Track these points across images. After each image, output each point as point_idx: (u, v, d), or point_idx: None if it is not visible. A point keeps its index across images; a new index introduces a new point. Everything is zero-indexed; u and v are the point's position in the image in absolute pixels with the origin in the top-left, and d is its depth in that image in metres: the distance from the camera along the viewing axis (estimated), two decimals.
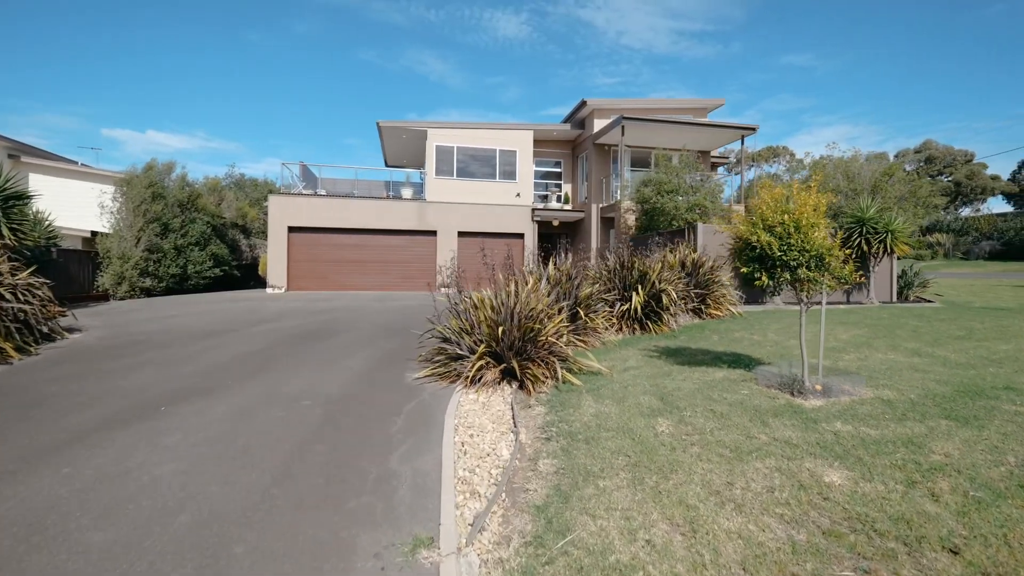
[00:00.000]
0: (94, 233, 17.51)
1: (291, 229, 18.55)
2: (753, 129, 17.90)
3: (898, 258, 13.89)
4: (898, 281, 14.31)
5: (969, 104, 76.46)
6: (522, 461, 3.70)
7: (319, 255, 18.98)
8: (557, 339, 5.60)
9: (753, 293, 12.97)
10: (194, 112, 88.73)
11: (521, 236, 20.36)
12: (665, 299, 8.61)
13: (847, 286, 4.74)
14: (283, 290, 18.27)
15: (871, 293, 13.47)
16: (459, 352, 5.69)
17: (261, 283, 22.98)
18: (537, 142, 21.05)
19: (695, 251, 11.33)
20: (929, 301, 13.53)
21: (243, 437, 3.97)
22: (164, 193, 18.88)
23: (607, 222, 19.66)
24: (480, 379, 5.33)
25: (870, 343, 7.72)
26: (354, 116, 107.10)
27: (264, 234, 25.29)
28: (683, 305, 9.14)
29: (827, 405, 4.53)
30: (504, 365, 5.35)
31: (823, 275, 4.76)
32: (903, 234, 12.67)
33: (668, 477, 3.43)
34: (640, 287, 8.68)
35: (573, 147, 22.36)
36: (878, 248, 12.71)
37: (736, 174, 22.66)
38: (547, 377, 5.38)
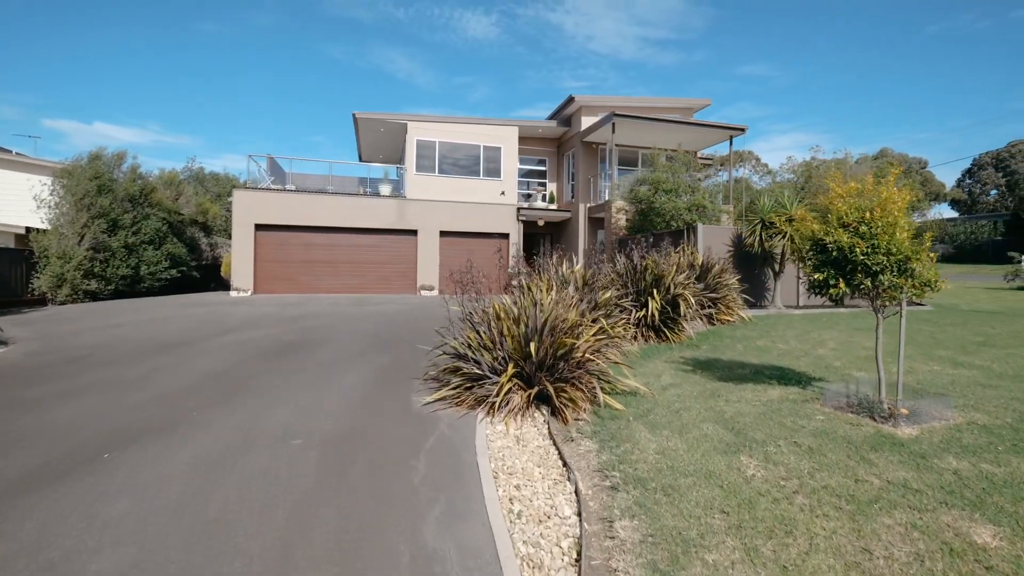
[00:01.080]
0: (29, 229, 15.64)
1: (258, 227, 17.12)
2: (742, 130, 17.64)
3: None
4: None
5: (911, 116, 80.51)
6: (592, 523, 2.87)
7: (289, 255, 17.61)
8: (594, 355, 4.80)
9: (753, 296, 12.55)
10: (147, 104, 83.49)
11: (506, 236, 19.51)
12: (683, 305, 7.94)
13: (931, 292, 4.11)
14: (249, 293, 16.84)
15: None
16: (478, 372, 4.81)
17: (224, 285, 21.34)
18: (521, 139, 20.24)
19: (697, 253, 10.79)
20: (920, 304, 13.43)
21: (217, 500, 2.98)
22: (112, 186, 17.14)
23: (595, 222, 19.04)
24: (506, 404, 4.47)
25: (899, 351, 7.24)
26: (321, 112, 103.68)
27: (227, 232, 23.58)
28: (698, 311, 8.50)
29: (923, 434, 3.89)
30: (537, 388, 4.51)
31: (907, 280, 4.12)
32: None
33: (786, 543, 2.67)
34: (656, 292, 7.99)
35: (558, 145, 21.68)
36: None
37: (708, 178, 22.45)
38: (584, 400, 4.57)
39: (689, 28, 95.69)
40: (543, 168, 22.03)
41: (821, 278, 4.37)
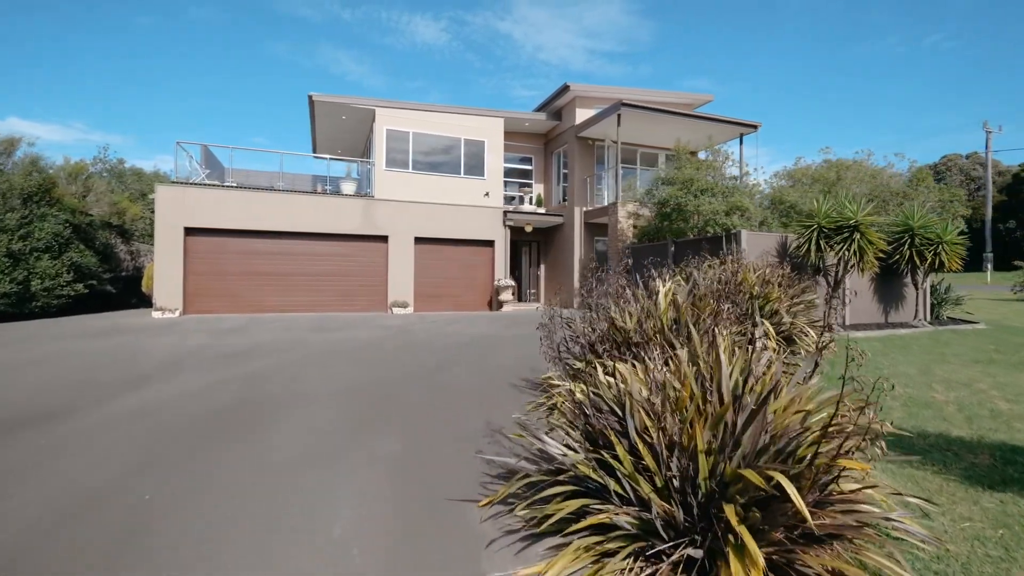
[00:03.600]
0: None
1: (189, 231, 13.79)
2: (755, 127, 16.05)
3: (935, 272, 12.30)
4: (930, 298, 12.83)
5: (844, 131, 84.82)
6: None
7: (228, 266, 14.35)
8: (867, 486, 2.45)
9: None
10: (71, 100, 74.09)
11: (491, 244, 17.03)
12: (800, 342, 5.80)
13: None
14: (177, 313, 13.46)
15: (919, 313, 11.76)
16: (629, 520, 2.34)
17: (147, 302, 17.62)
18: (504, 134, 17.85)
19: (774, 266, 8.77)
20: (972, 322, 12.06)
21: None
22: None
23: (592, 229, 16.88)
24: None
25: None
26: (265, 112, 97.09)
27: (151, 237, 19.76)
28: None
29: None
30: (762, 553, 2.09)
31: None
32: (959, 246, 11.03)
33: None
34: (764, 321, 5.78)
35: (546, 141, 19.44)
36: (932, 261, 10.97)
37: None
38: None
39: (635, 41, 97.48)
40: (528, 167, 19.72)
41: None
